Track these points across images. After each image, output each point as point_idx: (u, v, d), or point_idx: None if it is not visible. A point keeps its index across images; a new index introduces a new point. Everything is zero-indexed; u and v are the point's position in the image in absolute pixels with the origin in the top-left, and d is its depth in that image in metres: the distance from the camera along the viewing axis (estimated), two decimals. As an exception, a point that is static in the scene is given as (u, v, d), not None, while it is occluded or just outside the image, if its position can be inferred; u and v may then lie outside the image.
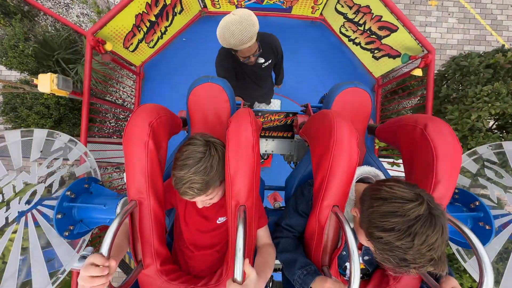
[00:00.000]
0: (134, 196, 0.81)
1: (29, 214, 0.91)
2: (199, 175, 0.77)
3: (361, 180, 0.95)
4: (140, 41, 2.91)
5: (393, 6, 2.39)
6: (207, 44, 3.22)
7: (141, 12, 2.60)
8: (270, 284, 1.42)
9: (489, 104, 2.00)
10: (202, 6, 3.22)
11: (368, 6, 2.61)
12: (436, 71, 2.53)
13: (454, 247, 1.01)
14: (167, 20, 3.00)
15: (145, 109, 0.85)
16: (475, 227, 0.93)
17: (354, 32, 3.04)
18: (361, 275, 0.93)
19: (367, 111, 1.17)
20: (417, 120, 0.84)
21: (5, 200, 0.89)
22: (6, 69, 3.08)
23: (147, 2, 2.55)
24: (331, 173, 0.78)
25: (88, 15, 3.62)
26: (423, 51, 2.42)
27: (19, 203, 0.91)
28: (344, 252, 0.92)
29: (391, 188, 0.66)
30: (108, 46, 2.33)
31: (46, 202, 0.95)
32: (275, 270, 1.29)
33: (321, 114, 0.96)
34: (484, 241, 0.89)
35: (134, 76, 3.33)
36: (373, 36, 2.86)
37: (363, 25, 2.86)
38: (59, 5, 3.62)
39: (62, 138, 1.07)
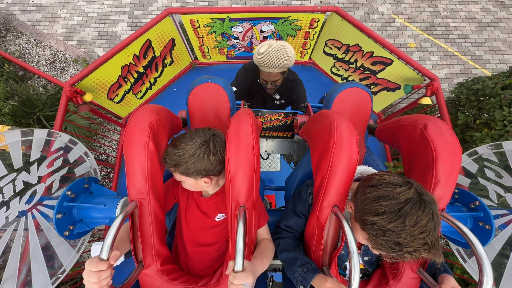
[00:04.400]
0: (134, 197, 0.81)
1: (29, 214, 0.91)
2: (178, 151, 0.84)
3: (357, 180, 0.96)
4: (126, 92, 2.79)
5: (384, 41, 2.33)
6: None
7: (128, 64, 2.50)
8: (270, 284, 1.42)
9: (527, 127, 1.81)
10: (193, 58, 3.25)
11: (357, 45, 2.57)
12: (445, 99, 2.39)
13: (454, 247, 1.01)
14: (157, 71, 2.92)
15: (145, 110, 0.85)
16: (475, 227, 0.93)
17: (346, 70, 2.98)
18: (361, 275, 0.93)
19: (367, 111, 1.16)
20: (417, 120, 0.84)
21: (5, 200, 0.89)
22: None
23: (134, 54, 2.47)
24: (331, 173, 0.78)
25: (82, 76, 3.89)
26: (424, 80, 2.35)
27: (19, 203, 0.91)
28: (344, 252, 0.92)
29: (381, 176, 0.70)
30: (87, 97, 2.21)
31: (46, 202, 0.95)
32: (275, 270, 1.29)
33: (321, 114, 0.96)
34: (484, 241, 0.89)
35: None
36: (367, 72, 2.78)
37: (354, 63, 2.80)
38: (55, 68, 3.91)
39: (62, 138, 1.07)
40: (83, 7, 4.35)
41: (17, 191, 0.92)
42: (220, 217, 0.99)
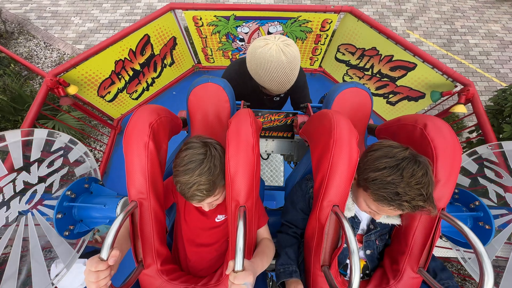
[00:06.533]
0: (134, 197, 0.81)
1: (29, 214, 0.91)
2: (204, 176, 0.77)
3: None
4: (120, 91, 2.56)
5: (406, 42, 2.04)
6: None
7: (123, 59, 2.31)
8: (270, 283, 1.42)
9: None
10: (196, 62, 3.07)
11: (374, 48, 2.30)
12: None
13: (454, 247, 1.01)
14: (155, 71, 2.72)
15: (145, 110, 0.85)
16: (475, 227, 0.93)
17: (360, 78, 2.70)
18: (361, 275, 0.93)
19: (367, 110, 1.17)
20: (417, 120, 0.84)
21: (5, 200, 0.89)
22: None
23: (130, 49, 2.28)
24: (331, 173, 0.78)
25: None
26: (455, 86, 2.08)
27: (19, 203, 0.91)
28: (345, 249, 0.92)
29: (381, 142, 0.80)
30: (72, 90, 1.99)
31: (46, 202, 0.95)
32: (273, 270, 1.29)
33: (321, 114, 0.96)
34: (484, 241, 0.89)
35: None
36: (385, 79, 2.47)
37: (370, 69, 2.51)
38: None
39: (62, 138, 1.07)
40: (96, 14, 4.48)
41: (17, 191, 0.92)
42: (220, 218, 0.99)
